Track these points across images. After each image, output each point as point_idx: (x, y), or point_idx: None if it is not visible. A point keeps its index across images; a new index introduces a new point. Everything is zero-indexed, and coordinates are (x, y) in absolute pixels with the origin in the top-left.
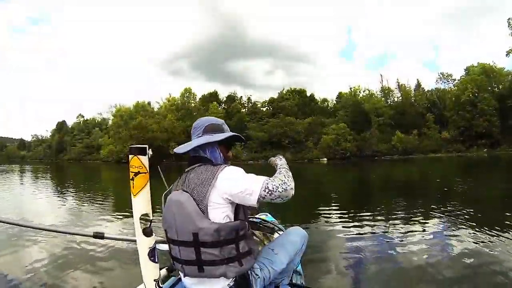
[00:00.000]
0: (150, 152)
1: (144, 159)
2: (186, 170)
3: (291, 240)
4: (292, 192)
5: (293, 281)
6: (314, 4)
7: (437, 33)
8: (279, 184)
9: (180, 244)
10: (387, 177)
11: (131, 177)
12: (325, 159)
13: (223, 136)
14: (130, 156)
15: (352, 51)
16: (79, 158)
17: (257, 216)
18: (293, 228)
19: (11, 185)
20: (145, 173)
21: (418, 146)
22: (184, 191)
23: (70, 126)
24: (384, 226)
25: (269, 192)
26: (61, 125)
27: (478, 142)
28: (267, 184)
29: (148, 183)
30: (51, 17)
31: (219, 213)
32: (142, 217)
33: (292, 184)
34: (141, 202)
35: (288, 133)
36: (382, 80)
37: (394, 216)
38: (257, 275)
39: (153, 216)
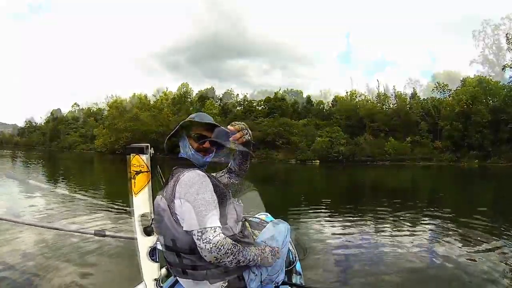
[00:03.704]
0: (151, 150)
1: (145, 158)
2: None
3: (279, 231)
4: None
5: (293, 281)
6: (314, 7)
7: (435, 43)
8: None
9: (165, 248)
10: (378, 181)
11: (132, 176)
12: (318, 161)
13: (175, 128)
14: (131, 155)
15: (350, 55)
16: (73, 147)
17: (256, 216)
18: (278, 220)
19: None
20: (146, 172)
21: (410, 154)
22: (164, 196)
23: (64, 115)
24: (375, 228)
25: (204, 242)
26: (56, 113)
27: (469, 153)
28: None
29: (149, 182)
30: (51, 5)
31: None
32: (142, 216)
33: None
34: (142, 201)
35: (282, 134)
36: (378, 86)
37: (383, 219)
38: (253, 272)
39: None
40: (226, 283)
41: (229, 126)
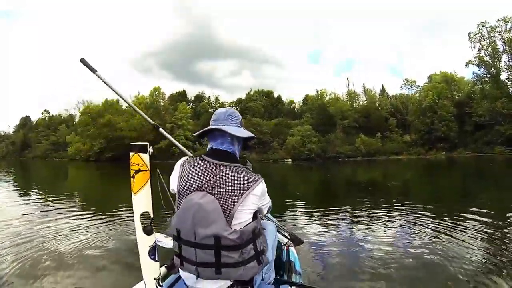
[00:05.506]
0: (151, 149)
1: (145, 157)
2: (210, 161)
3: (269, 232)
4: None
5: (293, 280)
6: (283, 7)
7: (403, 42)
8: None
9: (198, 246)
10: (350, 177)
11: (131, 175)
12: (290, 160)
13: (254, 138)
14: (131, 154)
15: (320, 55)
16: (45, 156)
17: None
18: (265, 222)
19: None
20: (146, 170)
21: (380, 149)
22: (209, 193)
23: (34, 122)
24: (371, 224)
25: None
26: (25, 121)
27: (437, 145)
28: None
29: (149, 181)
30: (21, 9)
31: (244, 218)
32: (142, 215)
33: None
34: (141, 200)
35: (254, 134)
36: (348, 84)
37: (374, 214)
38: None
39: (153, 214)
40: (232, 281)
41: None
